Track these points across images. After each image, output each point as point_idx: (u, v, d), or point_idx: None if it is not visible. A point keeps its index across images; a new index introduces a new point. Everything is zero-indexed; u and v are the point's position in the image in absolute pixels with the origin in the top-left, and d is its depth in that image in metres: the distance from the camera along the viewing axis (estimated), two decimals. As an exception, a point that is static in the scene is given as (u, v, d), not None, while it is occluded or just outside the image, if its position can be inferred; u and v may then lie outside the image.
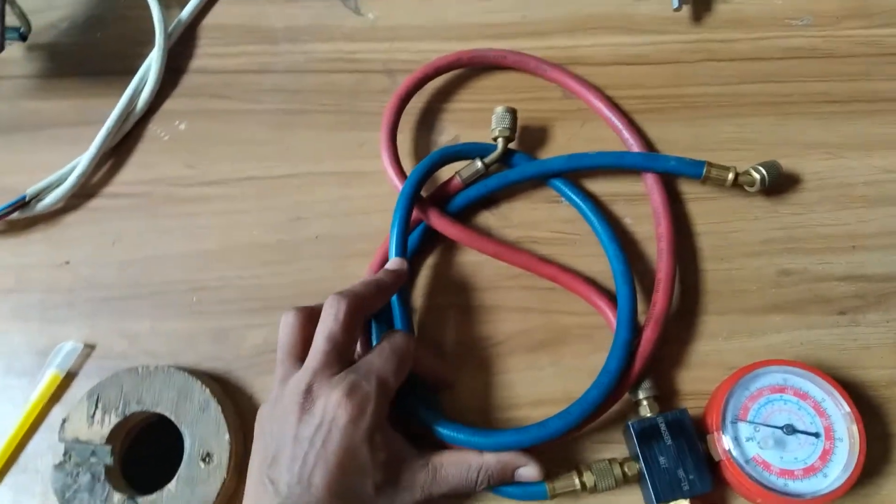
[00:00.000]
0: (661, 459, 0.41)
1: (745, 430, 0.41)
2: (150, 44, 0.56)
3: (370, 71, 0.55)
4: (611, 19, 0.55)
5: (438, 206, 0.49)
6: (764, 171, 0.47)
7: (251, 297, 0.49)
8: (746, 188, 0.48)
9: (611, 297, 0.46)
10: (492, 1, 0.56)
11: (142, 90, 0.55)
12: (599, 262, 0.48)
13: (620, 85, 0.53)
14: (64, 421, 0.45)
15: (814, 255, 0.48)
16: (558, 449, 0.44)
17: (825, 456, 0.40)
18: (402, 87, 0.51)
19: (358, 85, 0.54)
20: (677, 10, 0.53)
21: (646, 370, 0.43)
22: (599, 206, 0.48)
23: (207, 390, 0.45)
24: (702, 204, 0.50)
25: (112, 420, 0.45)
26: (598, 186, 0.51)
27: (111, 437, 0.45)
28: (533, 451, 0.42)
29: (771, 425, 0.41)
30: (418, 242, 0.49)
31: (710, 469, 0.41)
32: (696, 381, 0.45)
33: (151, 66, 0.55)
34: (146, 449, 0.48)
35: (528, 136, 0.52)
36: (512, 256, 0.47)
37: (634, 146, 0.50)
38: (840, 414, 0.41)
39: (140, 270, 0.50)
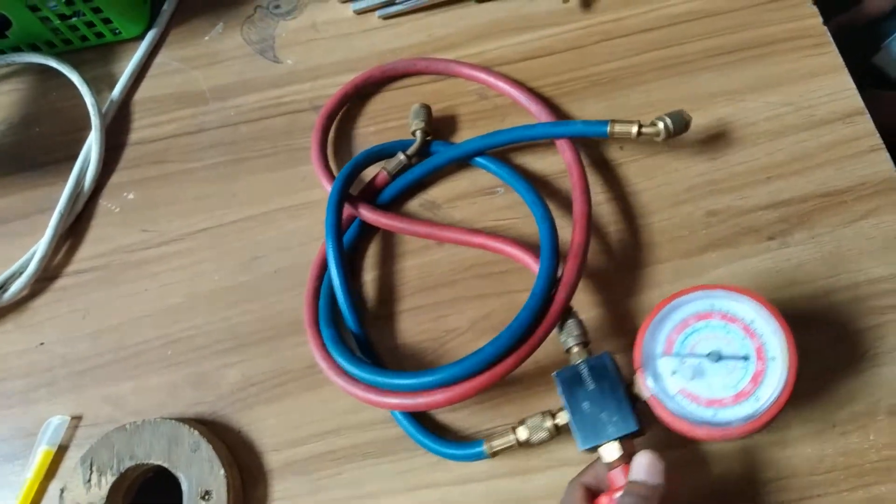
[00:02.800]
0: (585, 405, 0.40)
1: (669, 364, 0.40)
2: (86, 128, 0.58)
3: (298, 111, 0.58)
4: (509, 22, 0.59)
5: (370, 202, 0.52)
6: (668, 120, 0.48)
7: (223, 339, 0.51)
8: (655, 140, 0.50)
9: (536, 252, 0.47)
10: (398, 27, 0.60)
11: (86, 171, 0.57)
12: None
13: (532, 77, 0.57)
14: (62, 491, 0.46)
15: (734, 192, 0.51)
16: (508, 410, 0.47)
17: (757, 378, 0.39)
18: (325, 107, 0.56)
19: (289, 125, 0.58)
20: (566, 1, 0.57)
21: (568, 298, 0.44)
22: (516, 169, 0.52)
23: (196, 432, 0.47)
24: (627, 167, 0.53)
25: (109, 480, 0.46)
26: (536, 166, 0.54)
27: (111, 498, 0.46)
28: (487, 411, 0.46)
29: (696, 355, 0.40)
30: (354, 239, 0.52)
31: (641, 408, 0.40)
32: (651, 327, 0.48)
33: (92, 147, 0.58)
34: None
35: (454, 140, 0.56)
36: (442, 233, 0.51)
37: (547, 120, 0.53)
38: (770, 331, 0.40)
39: (113, 337, 0.52)
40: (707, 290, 0.41)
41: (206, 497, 0.45)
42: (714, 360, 0.39)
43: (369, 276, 0.52)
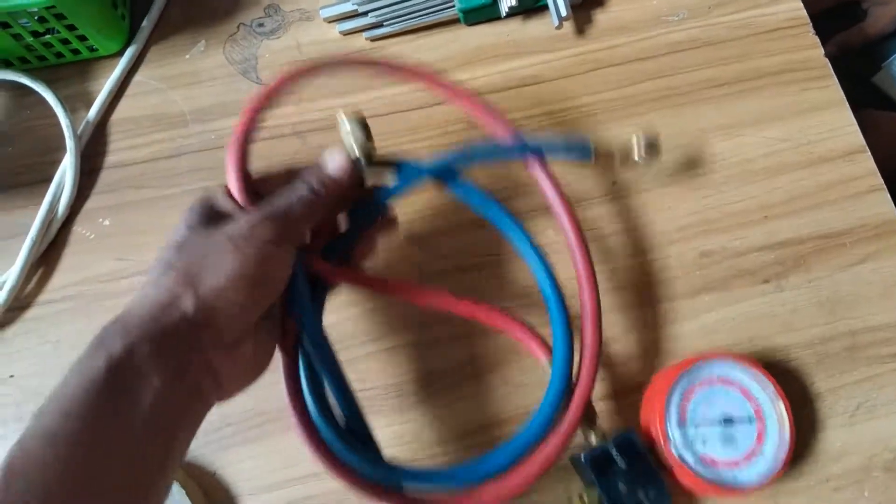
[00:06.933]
0: (620, 486, 0.40)
1: (688, 433, 0.42)
2: (61, 149, 0.56)
3: (281, 136, 0.56)
4: (499, 47, 0.57)
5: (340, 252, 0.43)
6: (640, 135, 0.46)
7: (199, 377, 0.49)
8: (634, 158, 0.47)
9: (528, 325, 0.43)
10: (385, 50, 0.58)
11: (60, 195, 0.55)
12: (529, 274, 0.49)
13: (521, 106, 0.55)
14: (28, 536, 0.44)
15: (729, 233, 0.50)
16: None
17: (760, 437, 0.42)
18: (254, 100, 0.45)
19: (271, 150, 0.56)
20: (558, 27, 0.55)
21: (594, 376, 0.41)
22: (500, 204, 0.46)
23: (168, 477, 0.45)
24: (615, 204, 0.51)
25: (77, 526, 0.44)
26: (516, 203, 0.52)
27: (79, 544, 0.44)
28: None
29: (710, 421, 0.42)
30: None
31: (665, 478, 0.41)
32: (642, 372, 0.46)
33: (66, 170, 0.56)
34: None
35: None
36: (429, 299, 0.43)
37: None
38: (766, 394, 0.42)
39: (85, 371, 0.50)
40: (711, 360, 0.43)
41: (178, 546, 0.44)
42: (727, 425, 0.42)
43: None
